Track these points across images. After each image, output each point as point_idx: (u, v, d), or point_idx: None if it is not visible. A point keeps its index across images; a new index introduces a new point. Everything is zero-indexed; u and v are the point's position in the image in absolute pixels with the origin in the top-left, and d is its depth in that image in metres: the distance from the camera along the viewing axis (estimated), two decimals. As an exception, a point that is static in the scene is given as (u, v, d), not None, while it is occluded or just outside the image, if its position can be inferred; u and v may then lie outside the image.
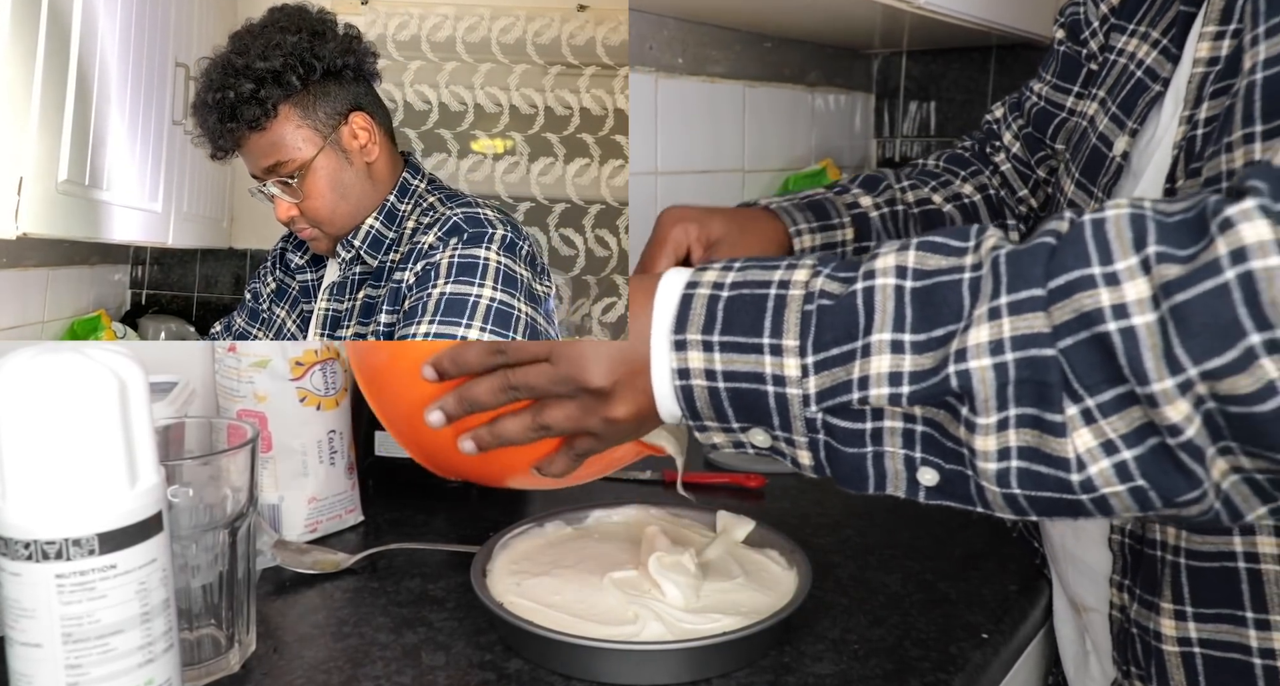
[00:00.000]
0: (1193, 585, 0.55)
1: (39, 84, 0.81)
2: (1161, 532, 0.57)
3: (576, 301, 1.32)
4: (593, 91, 1.30)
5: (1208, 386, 0.36)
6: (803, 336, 0.45)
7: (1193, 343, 0.36)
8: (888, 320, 0.43)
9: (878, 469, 0.46)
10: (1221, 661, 0.55)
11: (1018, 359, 0.39)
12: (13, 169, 0.79)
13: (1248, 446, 0.37)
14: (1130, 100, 0.65)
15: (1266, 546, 0.53)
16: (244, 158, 0.80)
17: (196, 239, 1.16)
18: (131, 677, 0.49)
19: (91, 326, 1.06)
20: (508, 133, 1.31)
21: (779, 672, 0.62)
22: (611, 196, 1.30)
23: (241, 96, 0.74)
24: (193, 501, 0.59)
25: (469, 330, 0.69)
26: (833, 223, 0.75)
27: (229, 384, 0.80)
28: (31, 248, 1.00)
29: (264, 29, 0.77)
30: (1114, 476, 0.39)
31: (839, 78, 1.82)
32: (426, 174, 0.84)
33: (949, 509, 0.90)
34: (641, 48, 1.35)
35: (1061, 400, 0.39)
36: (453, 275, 0.72)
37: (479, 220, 0.76)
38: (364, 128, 0.78)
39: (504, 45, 1.29)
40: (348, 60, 0.77)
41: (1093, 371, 0.38)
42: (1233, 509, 0.40)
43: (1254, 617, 0.53)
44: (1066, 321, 0.38)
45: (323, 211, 0.79)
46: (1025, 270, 0.40)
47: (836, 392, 0.44)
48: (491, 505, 0.92)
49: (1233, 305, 0.35)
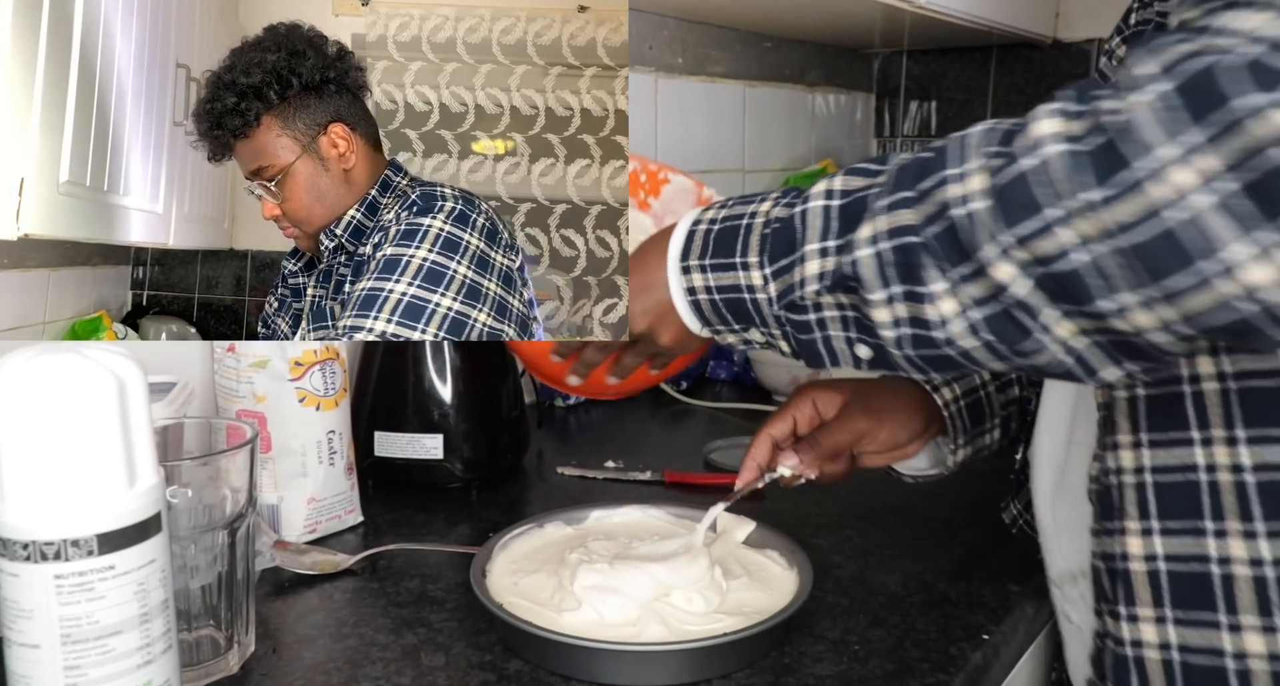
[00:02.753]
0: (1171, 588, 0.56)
1: (40, 85, 0.81)
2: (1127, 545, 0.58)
3: (578, 302, 1.32)
4: (593, 92, 1.30)
5: (1025, 251, 0.44)
6: (761, 253, 0.57)
7: (1008, 217, 0.44)
8: (815, 233, 0.54)
9: (829, 350, 0.56)
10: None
11: (893, 246, 0.49)
12: (14, 170, 0.79)
13: (1069, 304, 0.44)
14: None
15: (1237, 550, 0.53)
16: (237, 162, 0.87)
17: (197, 240, 1.16)
18: (130, 678, 0.49)
19: (93, 327, 1.06)
20: (508, 133, 1.31)
21: (779, 673, 0.62)
22: (612, 197, 1.30)
23: (226, 107, 0.82)
24: (192, 502, 0.59)
25: (397, 284, 0.75)
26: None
27: (228, 384, 0.80)
28: (33, 248, 1.00)
29: (250, 47, 0.84)
30: (968, 332, 0.49)
31: (839, 77, 1.82)
32: (409, 174, 0.89)
33: (949, 509, 0.90)
34: (641, 48, 1.35)
35: (930, 276, 0.48)
36: (396, 239, 0.78)
37: (432, 195, 0.81)
38: (342, 137, 0.84)
39: (505, 46, 1.29)
40: (327, 75, 0.84)
41: (950, 251, 0.47)
42: (1086, 366, 0.47)
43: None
44: (930, 214, 0.48)
45: (300, 212, 0.85)
46: (906, 178, 0.50)
47: (788, 293, 0.56)
48: (491, 505, 0.92)
49: (1029, 186, 0.43)
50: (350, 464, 0.85)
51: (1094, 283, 0.43)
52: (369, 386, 0.94)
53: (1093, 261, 0.42)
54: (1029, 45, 1.72)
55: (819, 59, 1.74)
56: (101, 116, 0.91)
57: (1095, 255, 0.42)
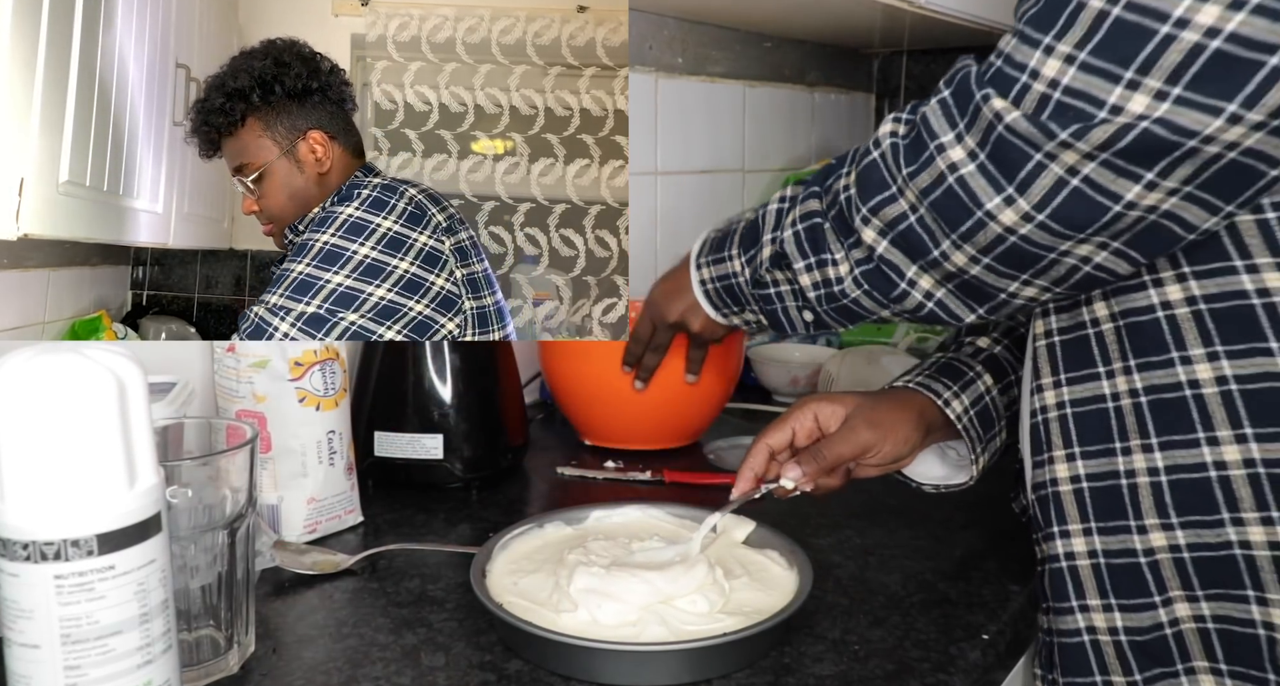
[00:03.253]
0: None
1: (40, 85, 0.81)
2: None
3: (577, 302, 1.32)
4: (593, 92, 1.30)
5: (878, 219, 0.60)
6: (739, 247, 0.76)
7: (863, 194, 0.61)
8: (768, 226, 0.72)
9: (787, 318, 0.74)
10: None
11: (805, 227, 0.67)
12: (14, 170, 0.79)
13: (920, 258, 0.60)
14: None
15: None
16: (224, 157, 0.93)
17: (197, 239, 1.16)
18: (130, 678, 0.49)
19: (92, 327, 1.06)
20: (508, 133, 1.31)
21: (779, 673, 0.62)
22: (612, 197, 1.30)
23: (214, 106, 0.89)
24: (192, 502, 0.59)
25: (295, 265, 0.82)
26: (968, 376, 0.80)
27: (228, 384, 0.80)
28: (33, 248, 1.00)
29: (245, 55, 0.91)
30: (854, 285, 0.65)
31: (839, 77, 1.82)
32: (381, 176, 0.93)
33: (949, 509, 0.90)
34: (641, 48, 1.35)
35: (832, 246, 0.65)
36: (342, 229, 0.84)
37: (357, 185, 0.88)
38: (320, 144, 0.90)
39: (504, 46, 1.29)
40: (310, 85, 0.90)
41: (840, 226, 0.64)
42: (947, 310, 0.62)
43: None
44: (829, 201, 0.66)
45: (274, 208, 0.91)
46: (819, 178, 0.68)
47: (754, 275, 0.74)
48: (491, 505, 0.92)
49: (875, 169, 0.60)
50: (350, 464, 0.85)
51: (924, 236, 0.58)
52: (369, 386, 0.94)
53: (917, 220, 0.58)
54: (1029, 45, 1.71)
55: (819, 59, 1.74)
56: (101, 116, 0.91)
57: (918, 214, 0.58)
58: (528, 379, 1.18)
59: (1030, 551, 0.78)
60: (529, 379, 1.19)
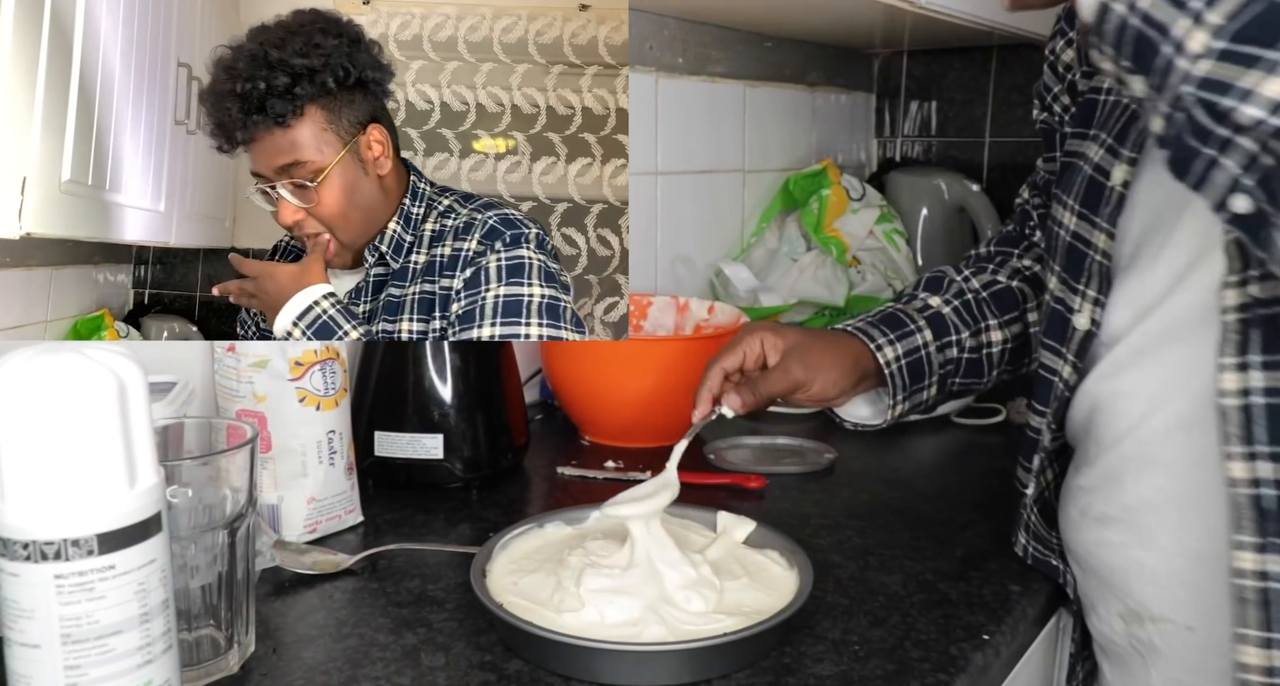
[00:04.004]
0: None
1: (42, 84, 0.81)
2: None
3: (579, 301, 1.32)
4: (595, 91, 1.30)
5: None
6: (1229, 17, 0.44)
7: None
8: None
9: (1205, 172, 0.47)
10: None
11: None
12: (16, 168, 0.79)
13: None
14: (1125, 129, 0.68)
15: None
16: (254, 155, 0.78)
17: (199, 238, 1.16)
18: (130, 678, 0.49)
19: (95, 326, 1.06)
20: (510, 132, 1.30)
21: (779, 673, 0.62)
22: (613, 196, 1.30)
23: (274, 89, 0.73)
24: (192, 502, 0.59)
25: (529, 328, 0.77)
26: (908, 328, 0.83)
27: (228, 384, 0.80)
28: (35, 247, 1.00)
29: (302, 27, 0.75)
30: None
31: (840, 78, 1.81)
32: (426, 178, 0.87)
33: (949, 509, 0.90)
34: (642, 48, 1.35)
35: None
36: (504, 278, 0.78)
37: (513, 222, 0.81)
38: (380, 141, 0.79)
39: (506, 45, 1.29)
40: (376, 74, 0.79)
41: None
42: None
43: None
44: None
45: (336, 217, 0.79)
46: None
47: (1218, 89, 0.44)
48: (491, 505, 0.92)
49: None
50: (350, 464, 0.85)
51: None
52: (369, 386, 0.94)
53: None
54: (1029, 45, 1.71)
55: (819, 59, 1.74)
56: (103, 115, 0.91)
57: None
58: (527, 377, 1.18)
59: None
60: (529, 377, 1.19)
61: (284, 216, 0.79)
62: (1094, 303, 0.69)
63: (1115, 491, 0.68)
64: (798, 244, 1.53)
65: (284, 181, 0.77)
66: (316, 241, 0.82)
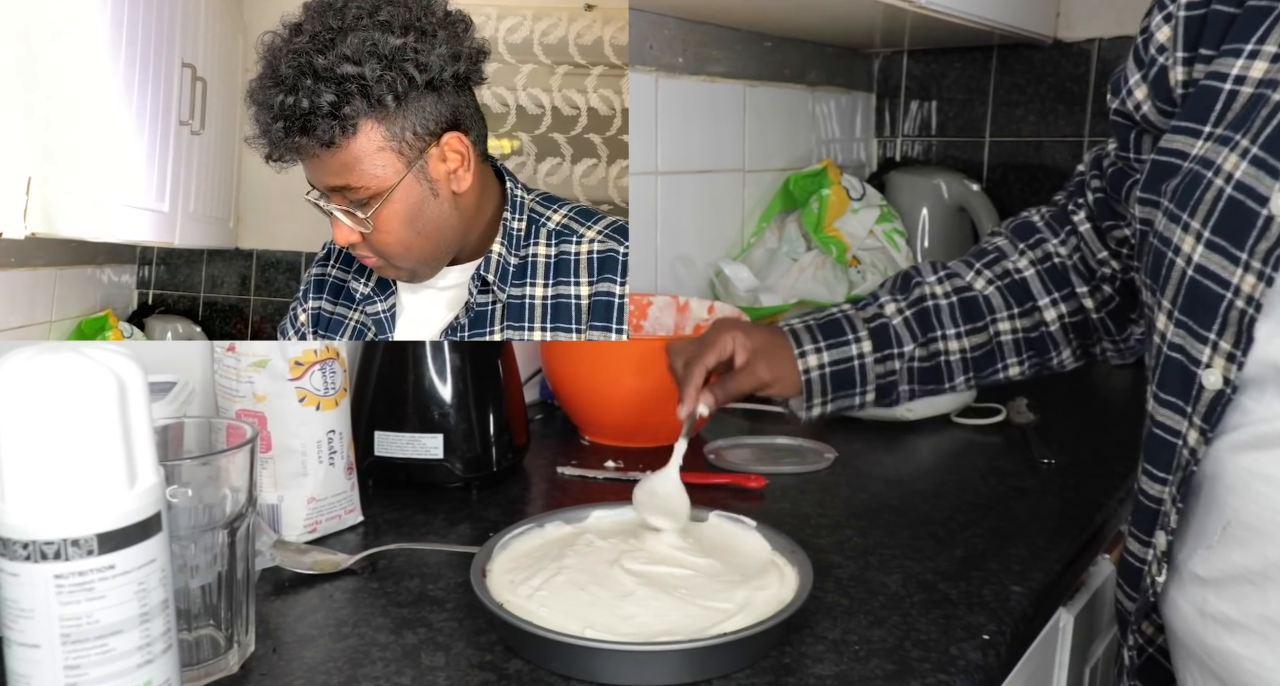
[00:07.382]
0: None
1: (45, 84, 0.81)
2: None
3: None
4: (600, 91, 1.29)
5: None
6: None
7: None
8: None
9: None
10: None
11: None
12: (21, 169, 0.79)
13: None
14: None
15: None
16: (306, 168, 0.67)
17: (203, 239, 1.16)
18: (130, 678, 0.49)
19: (99, 326, 1.06)
20: (514, 133, 1.30)
21: (779, 673, 0.62)
22: (619, 196, 1.30)
23: (318, 108, 0.61)
24: (192, 501, 0.59)
25: (621, 334, 0.74)
26: (844, 338, 0.86)
27: (228, 384, 0.80)
28: (39, 247, 1.01)
29: (358, 19, 0.61)
30: None
31: (840, 77, 1.81)
32: (520, 181, 0.75)
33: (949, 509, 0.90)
34: (642, 47, 1.35)
35: None
36: (602, 274, 0.74)
37: (622, 228, 0.76)
38: (458, 151, 0.66)
39: (511, 45, 1.29)
40: (456, 68, 0.63)
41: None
42: None
43: None
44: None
45: (394, 248, 0.68)
46: None
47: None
48: (491, 505, 0.92)
49: None
50: (350, 463, 0.85)
51: None
52: (369, 386, 0.94)
53: None
54: (1029, 45, 1.72)
55: (819, 59, 1.74)
56: (107, 116, 0.91)
57: None
58: (527, 377, 1.18)
59: (1030, 551, 0.78)
60: (529, 376, 1.20)
61: (338, 237, 0.69)
62: (1228, 357, 0.57)
63: (1253, 598, 0.57)
64: (798, 244, 1.53)
65: (338, 203, 0.66)
66: (373, 265, 0.72)
